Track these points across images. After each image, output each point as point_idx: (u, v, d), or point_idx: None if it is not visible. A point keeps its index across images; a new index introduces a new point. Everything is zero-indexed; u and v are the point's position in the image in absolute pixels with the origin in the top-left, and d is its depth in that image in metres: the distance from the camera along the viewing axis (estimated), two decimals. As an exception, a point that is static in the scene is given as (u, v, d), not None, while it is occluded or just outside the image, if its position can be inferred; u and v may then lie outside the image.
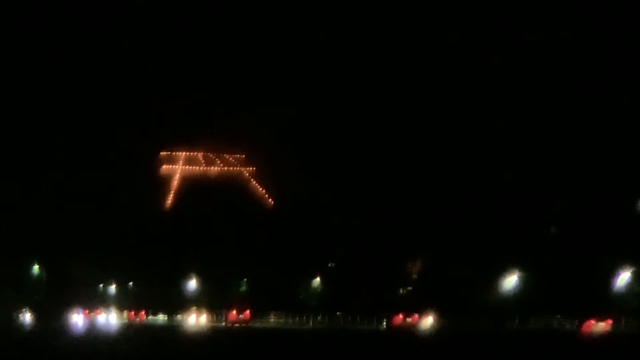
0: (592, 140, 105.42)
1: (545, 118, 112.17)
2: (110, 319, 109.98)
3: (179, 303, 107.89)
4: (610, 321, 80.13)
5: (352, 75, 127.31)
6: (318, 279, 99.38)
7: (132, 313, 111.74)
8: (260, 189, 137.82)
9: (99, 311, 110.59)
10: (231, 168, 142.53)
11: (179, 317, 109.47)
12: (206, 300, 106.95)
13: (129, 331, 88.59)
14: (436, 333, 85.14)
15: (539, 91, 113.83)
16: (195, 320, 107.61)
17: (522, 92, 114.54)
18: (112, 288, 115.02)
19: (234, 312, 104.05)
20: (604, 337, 71.89)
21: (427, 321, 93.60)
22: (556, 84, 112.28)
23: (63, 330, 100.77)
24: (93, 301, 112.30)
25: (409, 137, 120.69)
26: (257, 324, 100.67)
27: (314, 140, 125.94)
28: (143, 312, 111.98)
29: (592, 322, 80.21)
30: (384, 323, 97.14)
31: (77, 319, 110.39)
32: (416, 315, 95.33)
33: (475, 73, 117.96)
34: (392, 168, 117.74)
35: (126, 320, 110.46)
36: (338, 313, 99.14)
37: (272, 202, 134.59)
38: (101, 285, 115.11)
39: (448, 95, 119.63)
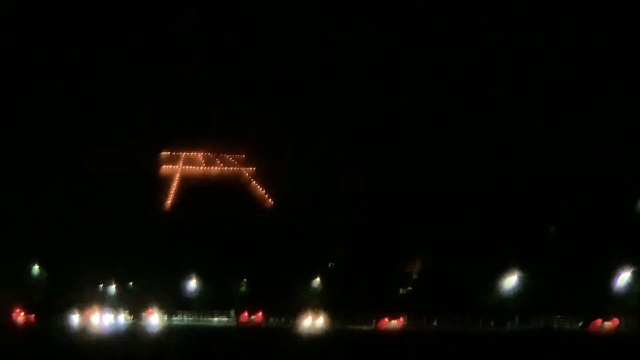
0: (593, 140, 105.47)
1: (545, 118, 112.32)
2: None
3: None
4: (616, 321, 79.76)
5: (352, 75, 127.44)
6: (318, 278, 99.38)
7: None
8: (260, 189, 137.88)
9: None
10: (231, 168, 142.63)
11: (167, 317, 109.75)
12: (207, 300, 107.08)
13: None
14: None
15: (540, 92, 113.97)
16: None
17: (523, 93, 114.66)
18: (112, 288, 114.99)
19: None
20: (607, 337, 71.90)
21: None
22: (556, 84, 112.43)
23: (63, 330, 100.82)
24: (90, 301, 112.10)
25: (409, 138, 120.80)
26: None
27: (313, 140, 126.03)
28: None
29: (599, 322, 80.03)
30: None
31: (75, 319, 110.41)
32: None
33: (476, 73, 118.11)
34: (392, 168, 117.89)
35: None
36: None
37: (272, 202, 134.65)
38: (101, 285, 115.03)
39: (448, 95, 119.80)
